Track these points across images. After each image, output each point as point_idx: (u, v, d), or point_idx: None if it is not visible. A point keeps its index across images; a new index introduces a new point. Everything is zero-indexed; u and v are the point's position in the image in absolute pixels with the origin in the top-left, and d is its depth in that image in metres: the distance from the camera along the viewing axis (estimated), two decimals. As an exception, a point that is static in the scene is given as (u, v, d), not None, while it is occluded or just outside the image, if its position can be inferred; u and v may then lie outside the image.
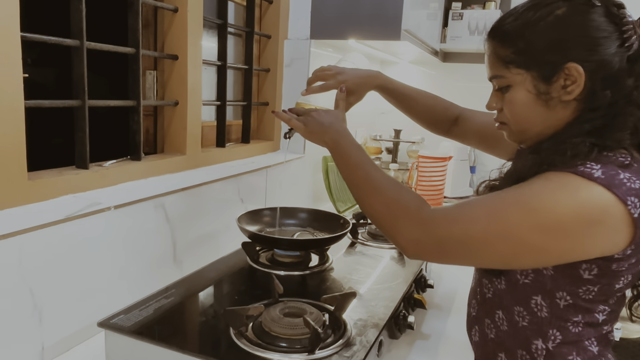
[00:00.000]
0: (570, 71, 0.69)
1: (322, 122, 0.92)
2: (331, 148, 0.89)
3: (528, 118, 0.75)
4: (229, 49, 1.43)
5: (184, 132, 1.22)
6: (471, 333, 0.89)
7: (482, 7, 2.14)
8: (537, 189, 0.66)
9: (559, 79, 0.70)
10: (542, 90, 0.72)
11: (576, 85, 0.69)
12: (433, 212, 0.70)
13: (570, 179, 0.64)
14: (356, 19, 1.50)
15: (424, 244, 0.70)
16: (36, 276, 0.79)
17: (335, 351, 0.73)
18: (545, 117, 0.74)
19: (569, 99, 0.71)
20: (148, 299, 0.87)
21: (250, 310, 0.78)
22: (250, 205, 1.36)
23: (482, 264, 0.78)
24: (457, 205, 0.70)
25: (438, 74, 2.46)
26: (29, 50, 1.46)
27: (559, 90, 0.71)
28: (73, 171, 0.95)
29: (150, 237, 1.02)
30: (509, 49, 0.74)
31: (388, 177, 0.80)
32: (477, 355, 0.87)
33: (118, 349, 0.77)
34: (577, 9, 0.70)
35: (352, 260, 1.13)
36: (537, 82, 0.72)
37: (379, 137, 2.43)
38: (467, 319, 0.92)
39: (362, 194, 0.81)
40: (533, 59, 0.72)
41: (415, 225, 0.70)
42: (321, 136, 0.91)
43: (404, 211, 0.72)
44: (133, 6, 1.06)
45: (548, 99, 0.72)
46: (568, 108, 0.72)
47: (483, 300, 0.83)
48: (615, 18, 0.69)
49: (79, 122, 0.97)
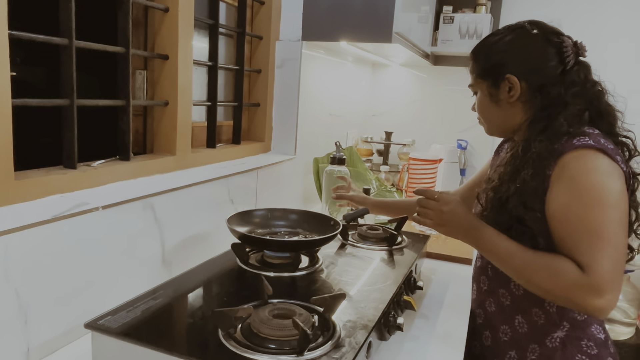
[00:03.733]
0: (510, 80, 0.97)
1: (451, 219, 0.97)
2: (473, 245, 0.97)
3: (488, 114, 1.05)
4: (220, 49, 1.43)
5: (174, 133, 1.21)
6: (485, 305, 1.09)
7: (473, 11, 2.16)
8: (590, 187, 0.85)
9: (505, 86, 0.98)
10: (493, 94, 1.01)
11: (515, 91, 0.97)
12: (596, 276, 0.81)
13: (585, 156, 0.86)
14: (348, 21, 1.50)
15: (608, 304, 0.81)
16: (22, 277, 0.78)
17: (324, 352, 0.73)
18: (498, 114, 1.02)
19: (513, 101, 0.98)
20: (136, 300, 0.86)
21: (239, 311, 0.78)
22: (240, 206, 1.35)
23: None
24: (603, 255, 0.82)
25: (429, 77, 2.47)
26: (18, 49, 1.44)
27: (505, 94, 0.99)
28: (61, 171, 0.95)
29: (138, 237, 1.01)
30: (475, 63, 1.04)
31: (537, 253, 0.89)
32: (494, 322, 1.06)
33: (105, 350, 0.76)
34: (520, 35, 0.98)
35: (342, 262, 1.13)
36: (490, 88, 1.01)
37: (370, 139, 2.44)
38: (477, 294, 1.13)
39: (524, 279, 0.90)
40: (487, 71, 1.01)
41: (592, 295, 0.81)
42: (456, 236, 0.98)
43: (573, 284, 0.83)
44: (123, 5, 1.05)
45: (498, 101, 1.01)
46: (516, 107, 0.99)
47: (495, 274, 1.05)
48: (552, 42, 0.95)
49: (67, 121, 0.96)
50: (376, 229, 1.33)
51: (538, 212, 0.91)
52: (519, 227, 0.93)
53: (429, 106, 2.47)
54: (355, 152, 2.02)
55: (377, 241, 1.28)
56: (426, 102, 2.48)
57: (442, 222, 0.98)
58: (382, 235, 1.30)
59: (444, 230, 0.99)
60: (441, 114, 2.43)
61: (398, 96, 2.53)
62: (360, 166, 1.98)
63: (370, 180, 1.91)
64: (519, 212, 0.92)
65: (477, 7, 2.16)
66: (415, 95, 2.50)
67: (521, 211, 0.92)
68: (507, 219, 0.94)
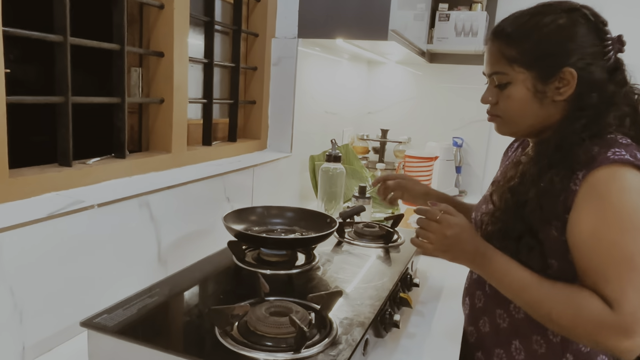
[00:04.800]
0: (565, 75, 0.81)
1: (455, 245, 0.85)
2: (481, 273, 0.85)
3: (522, 112, 0.86)
4: (216, 46, 1.42)
5: (170, 130, 1.21)
6: (478, 324, 0.95)
7: (469, 9, 2.16)
8: (623, 209, 0.73)
9: (555, 80, 0.82)
10: (539, 89, 0.83)
11: (569, 87, 0.81)
12: (625, 315, 0.71)
13: (619, 173, 0.74)
14: (344, 18, 1.50)
15: (638, 345, 0.72)
16: (17, 275, 0.77)
17: (321, 350, 0.73)
18: (537, 113, 0.85)
19: (560, 99, 0.82)
20: (132, 299, 0.86)
21: (236, 309, 0.77)
22: (236, 204, 1.35)
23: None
24: (634, 290, 0.72)
25: (425, 75, 2.47)
26: (12, 46, 1.43)
27: (553, 91, 0.82)
28: (56, 169, 0.94)
29: (134, 235, 1.01)
30: (514, 48, 0.83)
31: (556, 285, 0.78)
32: (488, 344, 0.93)
33: (101, 348, 0.76)
34: (575, 21, 0.81)
35: (338, 259, 1.13)
36: (535, 81, 0.83)
37: (366, 137, 2.44)
38: (470, 310, 0.99)
39: (540, 315, 0.79)
40: (535, 61, 0.82)
41: (619, 336, 0.71)
42: (461, 262, 0.87)
43: (598, 324, 0.73)
44: (118, 2, 1.05)
45: (543, 97, 0.83)
46: (557, 107, 0.83)
47: (494, 291, 0.87)
48: (601, 33, 0.82)
49: (62, 119, 0.95)
50: (372, 226, 1.33)
51: (554, 229, 0.80)
52: (529, 241, 0.82)
53: (425, 104, 2.47)
54: (351, 149, 2.02)
55: (373, 239, 1.28)
56: (422, 99, 2.48)
57: (444, 248, 0.85)
58: (379, 232, 1.30)
59: (446, 257, 0.87)
60: (437, 112, 2.43)
61: (394, 94, 2.54)
62: (356, 164, 1.98)
63: (366, 177, 1.91)
64: (534, 219, 0.81)
65: (472, 5, 2.16)
66: (411, 92, 2.50)
67: (537, 219, 0.81)
68: (519, 227, 0.83)
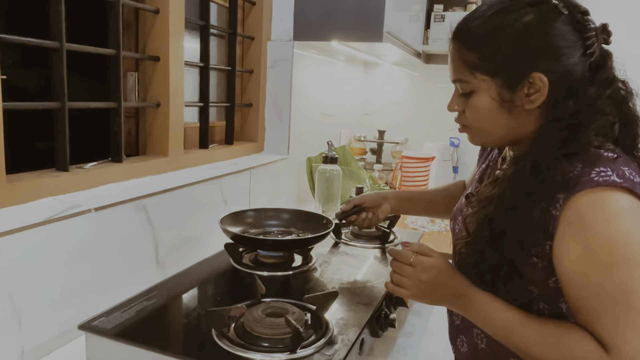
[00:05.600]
0: (534, 80, 0.69)
1: (433, 289, 0.76)
2: (463, 314, 0.77)
3: (491, 124, 0.75)
4: (212, 50, 1.43)
5: (166, 134, 1.21)
6: (456, 343, 0.87)
7: (464, 10, 2.17)
8: (612, 239, 0.64)
9: (523, 87, 0.70)
10: (506, 98, 0.72)
11: (539, 95, 0.70)
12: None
13: (605, 198, 0.64)
14: (339, 20, 1.51)
15: None
16: (15, 279, 0.78)
17: (317, 350, 0.74)
18: (507, 124, 0.74)
19: (531, 108, 0.71)
20: (130, 301, 0.86)
21: (232, 310, 0.78)
22: (233, 206, 1.36)
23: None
24: (632, 331, 0.63)
25: (420, 76, 2.48)
26: (12, 52, 1.44)
27: (523, 99, 0.71)
28: (53, 173, 0.95)
29: (131, 239, 1.02)
30: (475, 53, 0.73)
31: (545, 326, 0.69)
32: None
33: (99, 351, 0.77)
34: (544, 17, 0.69)
35: (335, 260, 1.14)
36: (501, 89, 0.72)
37: (363, 138, 2.45)
38: (450, 327, 0.90)
39: (530, 359, 0.70)
40: (499, 67, 0.71)
41: None
42: (442, 304, 0.78)
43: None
44: (113, 7, 1.06)
45: (511, 107, 0.72)
46: (531, 115, 0.73)
47: None
48: (579, 25, 0.70)
49: (58, 124, 0.96)
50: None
51: (534, 257, 0.71)
52: (507, 272, 0.73)
53: (421, 104, 2.48)
54: (349, 151, 2.03)
55: (370, 239, 1.29)
56: (419, 100, 2.49)
57: (422, 294, 0.76)
58: (375, 233, 1.31)
59: (425, 302, 0.78)
60: (434, 112, 2.44)
61: (391, 95, 2.54)
62: (354, 165, 1.99)
63: (363, 178, 1.92)
64: (513, 254, 0.71)
65: (467, 6, 2.17)
66: (408, 93, 2.51)
67: (516, 253, 0.71)
68: (497, 259, 0.73)
